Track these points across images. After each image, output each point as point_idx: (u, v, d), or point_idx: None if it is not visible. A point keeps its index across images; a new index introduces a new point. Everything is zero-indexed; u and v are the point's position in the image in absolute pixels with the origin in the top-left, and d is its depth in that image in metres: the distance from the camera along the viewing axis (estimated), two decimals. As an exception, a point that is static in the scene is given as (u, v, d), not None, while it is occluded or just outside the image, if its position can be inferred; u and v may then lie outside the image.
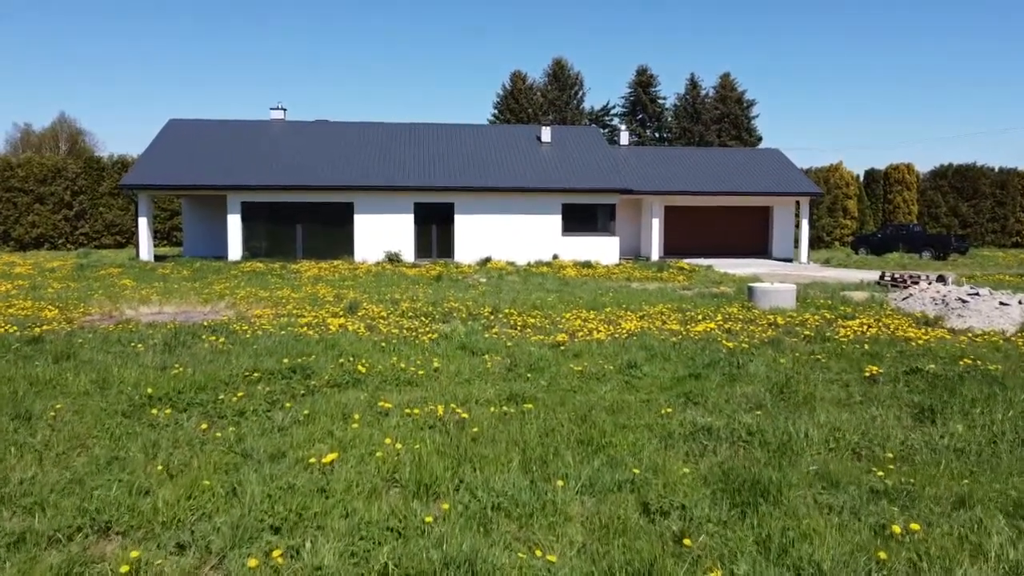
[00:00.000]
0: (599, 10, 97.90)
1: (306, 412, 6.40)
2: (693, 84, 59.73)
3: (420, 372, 8.03)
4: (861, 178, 45.98)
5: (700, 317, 12.89)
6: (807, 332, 11.16)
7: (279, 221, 26.81)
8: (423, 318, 12.63)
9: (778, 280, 21.90)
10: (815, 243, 37.14)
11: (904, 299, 15.01)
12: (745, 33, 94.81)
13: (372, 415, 6.43)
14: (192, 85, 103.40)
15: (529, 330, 11.35)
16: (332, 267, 23.52)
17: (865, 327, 11.69)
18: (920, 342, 10.19)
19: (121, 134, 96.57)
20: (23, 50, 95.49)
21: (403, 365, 8.34)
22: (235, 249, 26.29)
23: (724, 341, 10.43)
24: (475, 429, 5.89)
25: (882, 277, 19.67)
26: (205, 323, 11.51)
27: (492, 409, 6.58)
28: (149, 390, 6.92)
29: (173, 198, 38.18)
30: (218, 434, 5.85)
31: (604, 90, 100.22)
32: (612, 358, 9.33)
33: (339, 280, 19.84)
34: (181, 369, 8.10)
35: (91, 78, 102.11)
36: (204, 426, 6.05)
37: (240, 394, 6.83)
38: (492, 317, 12.67)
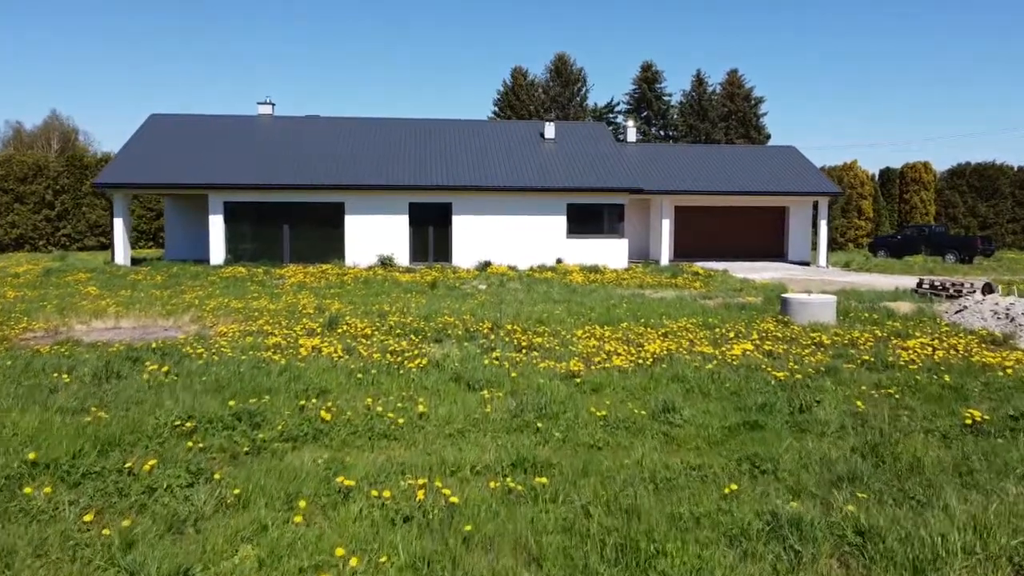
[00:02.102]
0: (602, 4, 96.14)
1: (237, 491, 4.67)
2: (699, 81, 57.94)
3: (400, 420, 6.30)
4: (876, 177, 44.25)
5: (732, 335, 11.18)
6: (865, 356, 9.43)
7: (265, 222, 25.05)
8: (413, 336, 10.91)
9: (800, 286, 20.20)
10: (829, 245, 35.19)
11: (958, 312, 13.29)
12: (752, 28, 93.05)
13: (327, 495, 4.70)
14: (192, 82, 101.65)
15: (536, 353, 9.62)
16: (320, 272, 21.78)
17: (929, 349, 9.98)
18: (1008, 371, 8.46)
19: (120, 133, 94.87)
20: (16, 48, 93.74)
21: (380, 408, 6.61)
22: (217, 252, 24.54)
23: (769, 369, 8.72)
24: (468, 527, 4.16)
25: (920, 285, 17.93)
26: (155, 344, 9.78)
27: (493, 484, 4.85)
28: (32, 455, 5.18)
29: (159, 198, 36.40)
30: (105, 531, 4.13)
31: (608, 87, 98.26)
32: (640, 394, 7.63)
33: (324, 288, 18.11)
34: (98, 414, 6.38)
35: (87, 76, 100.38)
36: (90, 517, 4.32)
37: (152, 462, 5.08)
38: (492, 336, 10.95)
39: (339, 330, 11.34)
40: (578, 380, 8.01)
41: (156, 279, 19.83)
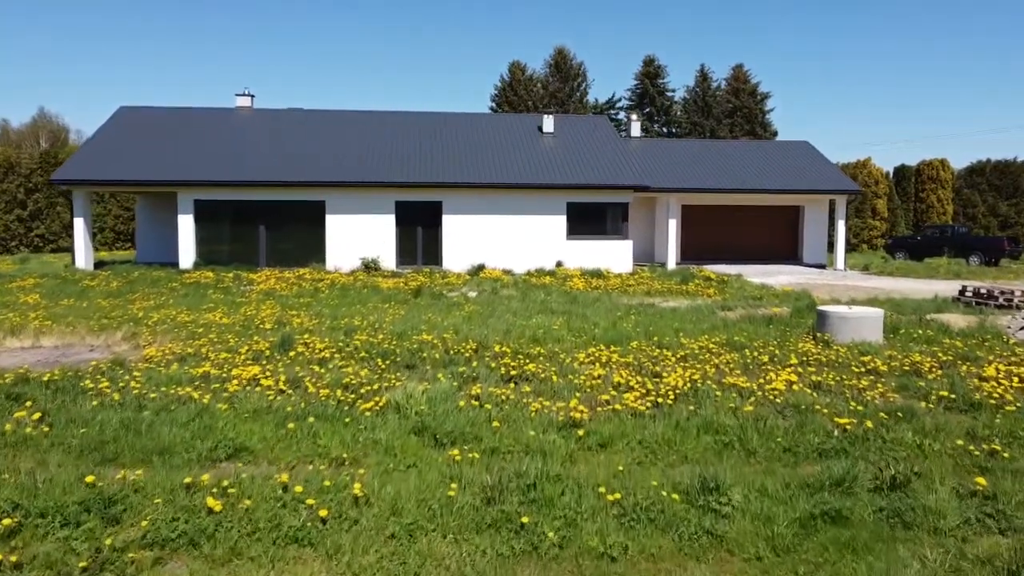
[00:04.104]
0: None
1: None
2: (703, 76, 56.01)
3: (324, 510, 4.35)
4: (891, 175, 42.27)
5: (766, 359, 9.24)
6: (940, 391, 7.49)
7: (239, 223, 23.05)
8: (379, 361, 8.97)
9: (823, 292, 18.27)
10: (834, 246, 33.02)
11: (1024, 328, 11.36)
12: (758, 22, 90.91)
13: None
14: (191, 78, 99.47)
15: (528, 387, 7.67)
16: (296, 277, 19.84)
17: (1015, 379, 8.04)
18: None
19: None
20: (5, 43, 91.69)
21: (300, 488, 4.65)
22: (187, 255, 22.53)
23: (825, 411, 6.80)
24: None
25: (963, 292, 15.99)
26: (51, 375, 7.83)
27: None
28: None
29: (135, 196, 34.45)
30: None
31: (609, 82, 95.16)
32: (663, 453, 5.72)
33: (294, 296, 16.14)
34: None
35: (85, 75, 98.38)
36: None
37: None
38: (476, 360, 9.01)
39: (292, 353, 9.40)
40: (580, 431, 6.07)
41: (111, 285, 17.86)
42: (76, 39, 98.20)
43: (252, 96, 27.90)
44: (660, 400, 7.09)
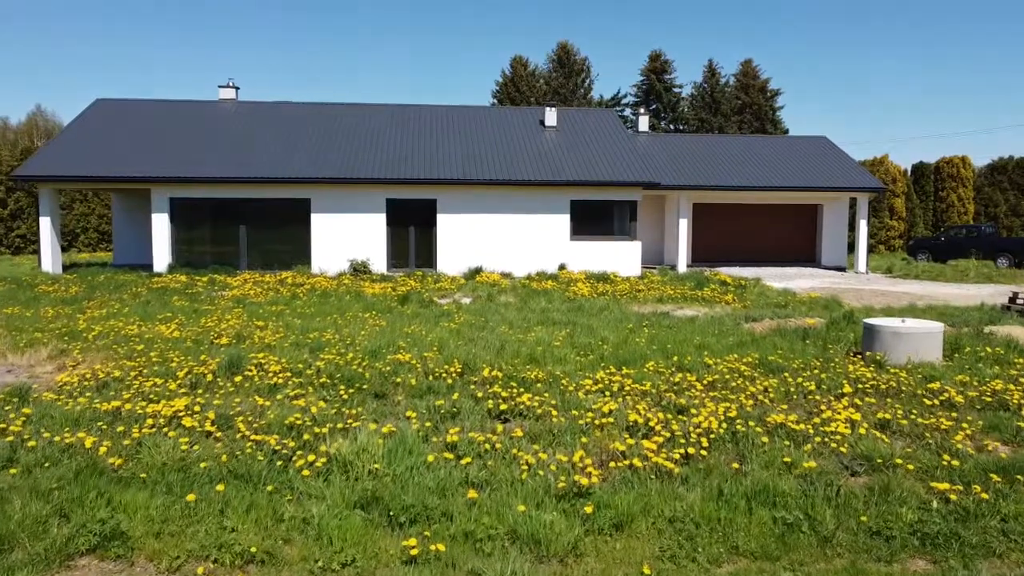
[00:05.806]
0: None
1: None
2: (712, 71, 54.25)
3: None
4: (908, 173, 40.48)
5: (812, 386, 7.58)
6: (1050, 436, 5.84)
7: (219, 223, 21.46)
8: (343, 388, 7.35)
9: (851, 298, 16.61)
10: (855, 247, 31.03)
11: (1107, 344, 9.68)
12: (767, 15, 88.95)
13: None
14: (190, 76, 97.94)
15: (519, 429, 6.03)
16: (277, 281, 18.24)
17: None
18: None
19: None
20: (6, 41, 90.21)
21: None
22: (161, 257, 20.93)
23: (907, 464, 5.17)
24: None
25: (1013, 299, 14.31)
26: (-79, 412, 6.22)
27: None
28: None
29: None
30: None
31: (614, 77, 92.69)
32: (704, 542, 4.11)
33: (268, 303, 14.50)
34: None
35: (85, 74, 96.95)
36: None
37: None
38: (458, 389, 7.36)
39: (238, 378, 7.76)
40: (588, 506, 4.42)
41: (71, 291, 16.25)
42: (77, 37, 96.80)
43: (236, 88, 26.29)
44: (691, 450, 5.46)
